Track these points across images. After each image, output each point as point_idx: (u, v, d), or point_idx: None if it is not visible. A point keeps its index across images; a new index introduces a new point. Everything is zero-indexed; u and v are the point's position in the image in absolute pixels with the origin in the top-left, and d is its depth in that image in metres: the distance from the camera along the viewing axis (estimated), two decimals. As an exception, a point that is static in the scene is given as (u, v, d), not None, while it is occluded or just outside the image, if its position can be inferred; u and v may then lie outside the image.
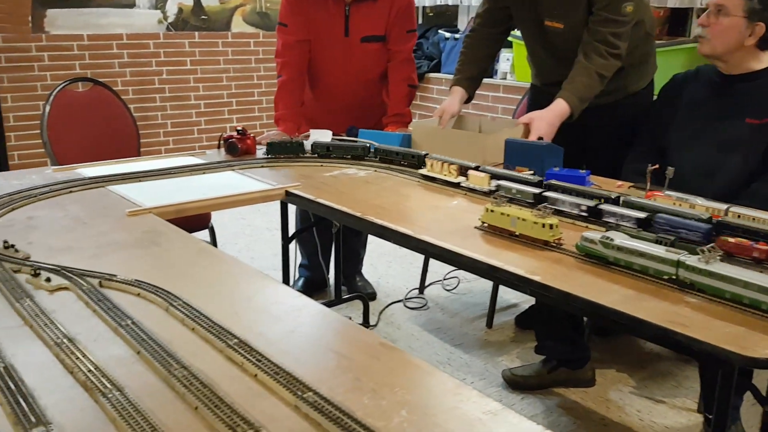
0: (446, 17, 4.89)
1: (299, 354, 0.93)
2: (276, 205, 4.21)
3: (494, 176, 1.70)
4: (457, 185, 1.75)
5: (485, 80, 4.03)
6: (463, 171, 1.77)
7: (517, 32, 2.48)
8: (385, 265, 3.36)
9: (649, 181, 1.60)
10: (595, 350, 2.33)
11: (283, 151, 2.11)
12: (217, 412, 0.77)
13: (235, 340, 0.94)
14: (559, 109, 1.94)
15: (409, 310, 2.85)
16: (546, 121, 1.94)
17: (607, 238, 1.21)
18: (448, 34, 4.35)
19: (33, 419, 0.75)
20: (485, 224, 1.40)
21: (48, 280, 1.14)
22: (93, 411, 0.78)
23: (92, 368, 0.86)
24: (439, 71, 4.45)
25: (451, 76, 2.33)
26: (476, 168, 1.76)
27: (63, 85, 2.75)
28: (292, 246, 2.62)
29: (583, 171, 1.78)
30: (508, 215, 1.34)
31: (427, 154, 1.92)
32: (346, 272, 2.86)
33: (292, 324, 1.03)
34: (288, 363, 0.87)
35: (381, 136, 2.21)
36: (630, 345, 2.52)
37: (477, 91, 2.33)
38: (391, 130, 2.35)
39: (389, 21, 2.35)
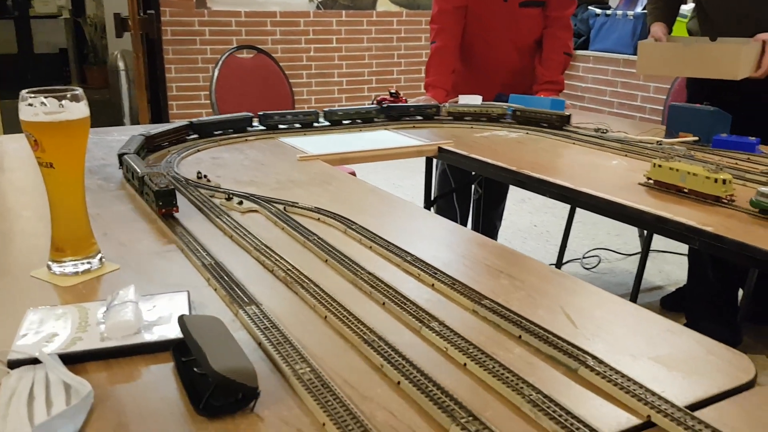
0: (597, -6, 4.73)
1: (473, 274, 0.98)
2: (410, 179, 4.32)
3: None
4: None
5: (620, 55, 3.85)
6: None
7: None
8: (520, 241, 3.35)
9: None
10: (747, 336, 2.22)
11: None
12: (404, 306, 0.84)
13: (411, 256, 1.01)
14: None
15: (545, 284, 2.83)
16: None
17: (788, 194, 1.16)
18: (599, 11, 4.20)
19: (246, 300, 0.86)
20: (651, 180, 1.38)
21: (240, 203, 1.27)
22: (294, 300, 0.88)
23: (290, 267, 0.96)
24: (587, 48, 4.30)
25: (600, 54, 2.26)
26: None
27: (230, 51, 2.99)
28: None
29: (753, 138, 1.70)
30: (677, 170, 1.31)
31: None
32: (482, 243, 2.89)
33: (464, 252, 1.08)
34: (463, 279, 0.93)
35: (532, 101, 2.21)
36: (785, 335, 2.37)
37: (612, 67, 2.24)
38: (543, 97, 2.34)
39: None
